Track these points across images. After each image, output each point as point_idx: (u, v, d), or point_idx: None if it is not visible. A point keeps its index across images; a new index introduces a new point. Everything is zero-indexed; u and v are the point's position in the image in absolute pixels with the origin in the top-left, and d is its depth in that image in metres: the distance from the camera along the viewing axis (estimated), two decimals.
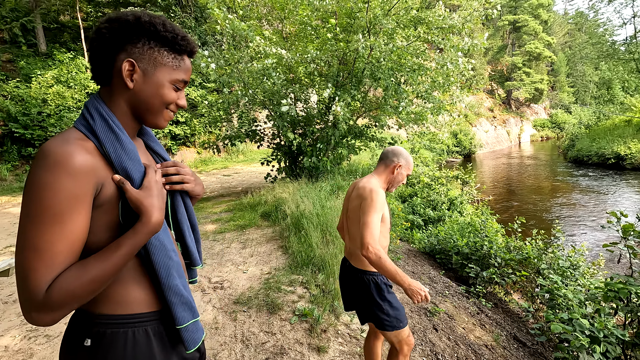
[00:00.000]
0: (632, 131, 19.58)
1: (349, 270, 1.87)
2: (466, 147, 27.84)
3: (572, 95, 45.20)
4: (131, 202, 0.80)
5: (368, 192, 1.69)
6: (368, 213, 1.62)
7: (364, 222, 1.61)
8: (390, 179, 1.84)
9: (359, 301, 1.83)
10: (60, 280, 0.71)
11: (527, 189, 16.07)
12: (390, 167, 1.83)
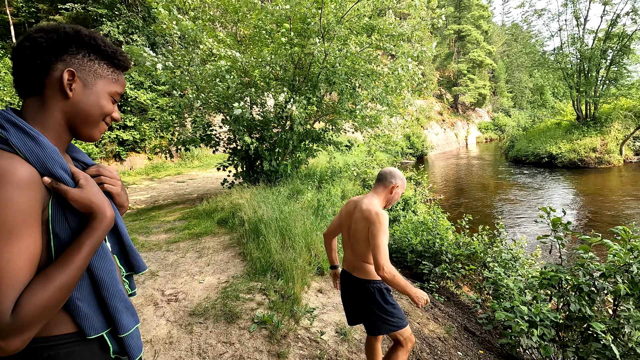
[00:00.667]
0: (562, 132, 21.69)
1: (353, 282, 2.03)
2: (419, 149, 29.17)
3: (511, 100, 49.15)
4: (76, 202, 0.77)
5: (375, 215, 1.83)
6: (378, 236, 1.79)
7: (376, 245, 1.77)
8: (389, 199, 2.03)
9: (365, 310, 2.00)
10: (27, 296, 0.68)
11: (474, 187, 17.18)
12: (389, 188, 2.00)
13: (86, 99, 0.84)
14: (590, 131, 20.30)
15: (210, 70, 6.27)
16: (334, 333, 2.90)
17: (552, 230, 3.53)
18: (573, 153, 19.12)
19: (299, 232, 4.11)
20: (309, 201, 6.12)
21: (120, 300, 0.86)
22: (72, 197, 0.77)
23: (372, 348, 2.19)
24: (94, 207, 0.78)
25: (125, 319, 0.87)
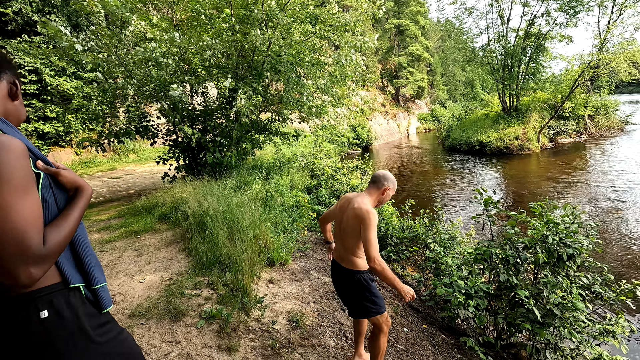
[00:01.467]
0: (490, 123, 23.71)
1: (342, 271, 2.27)
2: (364, 140, 30.03)
3: (446, 92, 52.55)
4: (69, 181, 1.04)
5: (366, 214, 2.03)
6: (370, 233, 1.98)
7: (368, 240, 1.96)
8: (380, 199, 2.24)
9: (351, 296, 2.24)
10: (50, 235, 0.91)
11: (416, 175, 18.17)
12: (381, 190, 2.22)
13: None
14: (513, 121, 22.46)
15: (142, 54, 5.79)
16: (286, 322, 2.90)
17: (484, 209, 3.86)
18: (499, 141, 21.04)
19: (247, 224, 4.01)
20: (256, 192, 6.00)
21: (92, 257, 1.08)
22: (65, 176, 1.02)
23: (358, 327, 2.54)
24: (80, 183, 1.06)
25: (97, 273, 1.08)
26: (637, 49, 19.52)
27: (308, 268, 4.33)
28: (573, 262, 3.48)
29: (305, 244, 5.39)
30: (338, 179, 9.70)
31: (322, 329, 2.96)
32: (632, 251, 7.14)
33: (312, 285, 3.80)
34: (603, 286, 3.63)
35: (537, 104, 23.22)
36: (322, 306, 3.34)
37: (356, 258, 2.19)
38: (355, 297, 2.23)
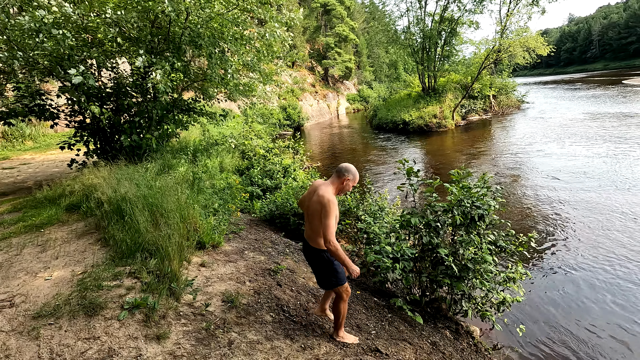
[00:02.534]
0: (412, 102, 25.29)
1: (310, 249, 2.60)
2: (295, 120, 29.92)
3: (372, 74, 54.53)
4: None
5: (326, 201, 2.35)
6: (328, 218, 2.32)
7: (326, 225, 2.32)
8: (340, 188, 2.55)
9: (317, 270, 2.62)
10: None
11: (347, 153, 18.75)
12: (341, 179, 2.53)
13: None
14: (432, 101, 24.24)
15: (28, 23, 4.89)
16: (221, 303, 2.80)
17: (407, 179, 4.12)
18: (420, 119, 22.61)
19: (173, 208, 3.74)
20: (183, 175, 5.62)
21: None
22: None
23: (326, 294, 2.97)
24: None
25: None
26: (530, 36, 22.24)
27: (243, 248, 4.24)
28: (483, 222, 3.92)
29: (239, 225, 5.25)
30: (270, 159, 9.56)
31: (259, 306, 2.94)
32: (528, 209, 8.35)
33: (247, 264, 3.72)
34: (506, 240, 4.18)
35: (452, 85, 25.34)
36: (258, 284, 3.30)
37: (320, 239, 2.47)
38: (320, 271, 2.60)
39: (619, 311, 4.73)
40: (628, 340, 4.21)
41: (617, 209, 7.90)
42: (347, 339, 2.79)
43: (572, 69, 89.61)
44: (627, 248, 6.22)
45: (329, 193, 2.41)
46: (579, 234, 6.96)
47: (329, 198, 2.36)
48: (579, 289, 5.30)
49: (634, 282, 5.28)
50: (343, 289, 2.61)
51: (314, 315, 3.04)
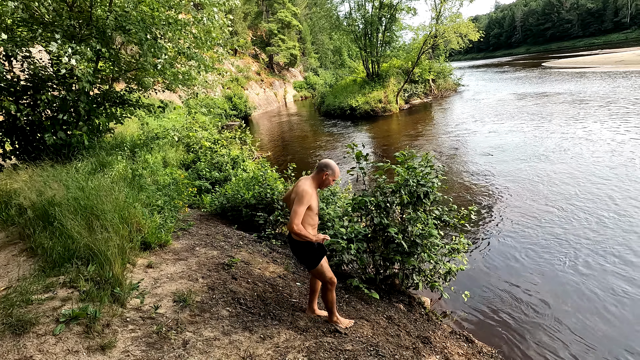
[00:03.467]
0: (358, 88, 25.75)
1: (290, 240, 2.79)
2: (242, 110, 29.06)
3: (318, 61, 54.43)
4: None
5: (301, 192, 2.59)
6: (297, 206, 2.56)
7: (294, 211, 2.56)
8: (321, 182, 2.76)
9: (300, 256, 2.82)
10: None
11: (297, 141, 18.68)
12: (321, 174, 2.73)
13: None
14: (376, 86, 24.87)
15: None
16: (172, 303, 2.67)
17: (356, 162, 4.19)
18: (367, 105, 23.15)
19: (111, 209, 3.46)
20: (121, 173, 5.20)
21: None
22: None
23: (313, 285, 3.07)
24: None
25: None
26: (462, 22, 23.58)
27: (193, 245, 4.06)
28: (428, 199, 4.14)
29: (188, 221, 5.02)
30: (217, 151, 9.21)
31: (214, 302, 2.84)
32: (467, 184, 8.99)
33: (199, 261, 3.58)
34: (449, 215, 4.46)
35: (394, 70, 26.16)
36: (211, 280, 3.19)
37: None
38: (301, 256, 2.80)
39: (547, 268, 5.31)
40: (558, 292, 4.76)
41: (541, 177, 8.82)
42: (341, 322, 2.96)
43: (500, 53, 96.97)
44: (551, 212, 6.98)
45: (307, 185, 2.64)
46: (511, 202, 7.66)
47: (304, 188, 2.60)
48: (514, 251, 5.87)
49: (560, 241, 5.96)
50: (326, 273, 2.80)
51: (307, 315, 3.08)
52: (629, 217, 6.38)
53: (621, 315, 4.25)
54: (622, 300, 4.49)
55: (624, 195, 7.22)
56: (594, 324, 4.17)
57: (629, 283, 4.77)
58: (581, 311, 4.40)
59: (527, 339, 4.02)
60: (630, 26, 71.48)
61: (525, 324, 4.28)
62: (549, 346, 3.89)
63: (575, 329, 4.13)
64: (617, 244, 5.66)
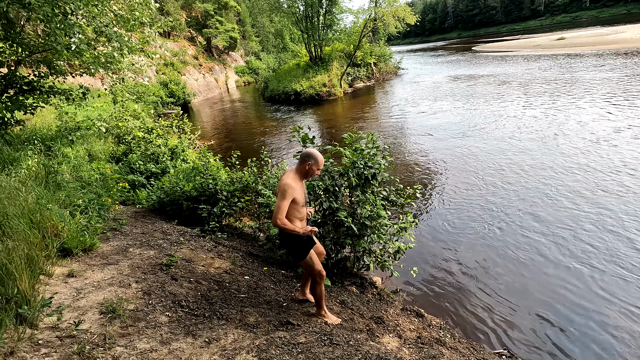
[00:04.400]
0: (301, 72, 25.38)
1: (280, 232, 2.72)
2: (180, 97, 27.22)
3: (259, 44, 52.64)
4: None
5: (283, 185, 2.54)
6: (279, 200, 2.52)
7: (277, 205, 2.52)
8: (304, 172, 2.67)
9: (288, 248, 2.80)
10: None
11: (242, 128, 17.99)
12: (304, 165, 2.65)
13: None
14: (320, 70, 24.70)
15: None
16: (99, 315, 2.33)
17: (302, 146, 4.03)
18: (311, 89, 22.94)
19: (17, 212, 2.94)
20: (31, 170, 4.50)
21: None
22: None
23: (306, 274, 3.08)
24: None
25: None
26: (399, 6, 24.12)
27: (126, 246, 3.65)
28: (376, 180, 4.12)
29: (120, 220, 4.52)
30: (153, 141, 8.47)
31: (150, 308, 2.55)
32: (411, 163, 9.32)
33: (132, 264, 3.21)
34: (397, 194, 4.51)
35: (337, 54, 26.15)
36: (147, 283, 2.87)
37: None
38: (289, 248, 2.78)
39: (488, 235, 5.68)
40: (497, 259, 5.10)
41: (477, 152, 9.44)
42: (328, 317, 2.93)
43: (435, 38, 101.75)
44: (484, 184, 7.47)
45: (289, 178, 2.59)
46: (452, 178, 8.08)
47: (285, 182, 2.55)
48: (455, 223, 6.19)
49: (492, 210, 6.40)
50: (314, 266, 2.75)
51: (296, 299, 3.16)
52: (550, 181, 7.06)
53: (542, 273, 4.68)
54: (541, 260, 4.95)
55: (544, 165, 7.96)
56: (519, 282, 4.54)
57: (558, 248, 5.26)
58: (509, 273, 4.77)
59: (470, 306, 4.27)
60: (544, 14, 78.98)
61: (467, 291, 4.53)
62: (489, 309, 4.16)
63: (505, 289, 4.46)
64: (542, 209, 6.22)
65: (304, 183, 2.77)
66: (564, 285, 4.47)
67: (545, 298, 4.29)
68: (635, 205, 5.98)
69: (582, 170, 7.51)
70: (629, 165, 7.35)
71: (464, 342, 3.42)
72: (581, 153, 8.37)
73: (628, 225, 5.48)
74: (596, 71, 17.92)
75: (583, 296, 4.26)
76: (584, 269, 4.71)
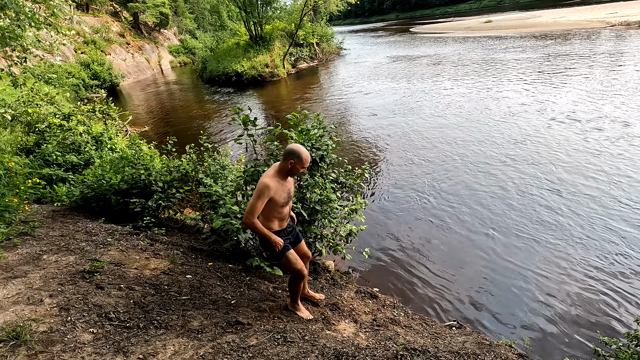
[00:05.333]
0: (241, 52, 24.16)
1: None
2: (106, 79, 24.52)
3: (194, 22, 49.06)
4: None
5: (258, 184, 2.44)
6: (253, 198, 2.43)
7: (249, 204, 2.43)
8: (287, 170, 2.51)
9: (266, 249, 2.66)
10: None
11: (180, 112, 16.74)
12: (286, 163, 2.49)
13: None
14: (261, 49, 23.71)
15: None
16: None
17: (244, 129, 3.71)
18: (253, 70, 21.98)
19: None
20: None
21: None
22: None
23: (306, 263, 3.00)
24: None
25: None
26: None
27: (39, 253, 3.10)
28: (324, 162, 3.96)
29: (31, 222, 3.87)
30: (72, 129, 7.44)
31: (69, 326, 2.16)
32: (357, 144, 9.36)
33: (46, 274, 2.72)
34: (346, 176, 4.40)
35: (278, 33, 25.24)
36: (65, 296, 2.44)
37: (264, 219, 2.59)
38: (267, 248, 2.64)
39: (431, 209, 5.87)
40: (439, 233, 5.29)
41: (417, 129, 9.80)
42: (301, 311, 2.89)
43: (375, 19, 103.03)
44: (429, 159, 7.74)
45: (267, 177, 2.47)
46: (397, 157, 8.26)
47: (262, 181, 2.43)
48: (403, 200, 6.32)
49: (439, 184, 6.64)
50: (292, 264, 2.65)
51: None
52: (473, 153, 7.51)
53: (471, 241, 4.97)
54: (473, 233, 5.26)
55: (472, 137, 8.46)
56: (458, 254, 4.78)
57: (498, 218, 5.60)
58: (449, 245, 4.99)
59: (419, 281, 4.38)
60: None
61: (415, 267, 4.65)
62: (436, 283, 4.31)
63: (448, 261, 4.67)
64: (470, 177, 6.59)
65: (289, 181, 2.59)
66: (494, 252, 4.77)
67: (481, 267, 4.55)
68: (543, 168, 6.58)
69: (504, 140, 8.14)
70: (537, 135, 8.09)
71: (417, 318, 3.47)
72: (498, 124, 9.09)
73: (540, 185, 6.01)
74: (518, 52, 19.43)
75: (510, 261, 4.58)
76: (502, 236, 5.07)
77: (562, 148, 7.58)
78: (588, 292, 4.01)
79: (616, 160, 6.79)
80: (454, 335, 3.09)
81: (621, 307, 3.79)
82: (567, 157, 7.16)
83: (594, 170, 6.59)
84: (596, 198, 5.74)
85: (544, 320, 3.71)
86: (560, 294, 4.01)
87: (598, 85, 11.63)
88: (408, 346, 2.43)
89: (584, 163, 6.87)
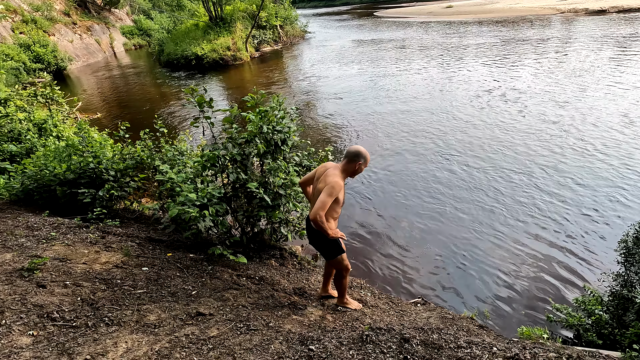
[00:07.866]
0: (201, 34, 23.03)
1: (311, 229, 2.74)
2: (51, 62, 22.57)
3: (149, 1, 46.00)
4: None
5: (333, 183, 2.48)
6: (325, 195, 2.45)
7: (320, 200, 2.46)
8: (353, 171, 2.63)
9: (321, 246, 2.77)
10: None
11: (137, 98, 15.77)
12: (353, 164, 2.60)
13: None
14: (222, 31, 22.71)
15: None
16: None
17: (200, 111, 3.49)
18: (214, 53, 21.05)
19: None
20: None
21: None
22: None
23: (328, 270, 3.06)
24: None
25: None
26: None
27: None
28: (286, 145, 3.83)
29: None
30: (10, 115, 6.75)
31: (4, 329, 1.94)
32: (322, 127, 9.28)
33: None
34: (309, 159, 4.31)
35: (239, 14, 24.23)
36: (1, 297, 2.19)
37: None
38: (322, 246, 2.73)
39: (393, 189, 5.95)
40: (401, 212, 5.38)
41: (381, 111, 9.96)
42: (350, 304, 3.01)
43: (339, 2, 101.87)
44: (392, 139, 7.84)
45: (339, 177, 2.51)
46: (361, 137, 8.29)
47: (337, 180, 2.47)
48: (367, 182, 6.36)
49: (400, 163, 6.73)
50: (343, 262, 2.74)
51: (320, 297, 3.13)
52: (436, 133, 7.71)
53: (431, 219, 5.12)
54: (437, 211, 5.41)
55: (432, 119, 8.67)
56: (420, 232, 4.91)
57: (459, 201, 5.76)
58: (411, 224, 5.11)
59: (385, 260, 4.44)
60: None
61: (381, 247, 4.72)
62: (401, 261, 4.39)
63: (412, 240, 4.78)
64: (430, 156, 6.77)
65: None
66: (455, 232, 4.94)
67: (443, 247, 4.70)
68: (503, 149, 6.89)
69: (465, 123, 8.41)
70: (496, 117, 8.44)
71: (384, 297, 3.51)
72: (461, 106, 9.40)
73: (495, 166, 6.29)
74: (478, 37, 20.00)
75: (468, 240, 4.76)
76: (460, 218, 5.26)
77: (510, 127, 7.99)
78: (541, 263, 4.25)
79: (555, 137, 7.23)
80: (419, 312, 3.16)
81: (573, 275, 4.06)
82: (509, 137, 7.53)
83: (534, 147, 6.99)
84: (545, 169, 6.08)
85: (502, 293, 3.90)
86: (515, 268, 4.22)
87: (546, 69, 12.30)
88: (374, 325, 2.44)
89: (525, 141, 7.30)
